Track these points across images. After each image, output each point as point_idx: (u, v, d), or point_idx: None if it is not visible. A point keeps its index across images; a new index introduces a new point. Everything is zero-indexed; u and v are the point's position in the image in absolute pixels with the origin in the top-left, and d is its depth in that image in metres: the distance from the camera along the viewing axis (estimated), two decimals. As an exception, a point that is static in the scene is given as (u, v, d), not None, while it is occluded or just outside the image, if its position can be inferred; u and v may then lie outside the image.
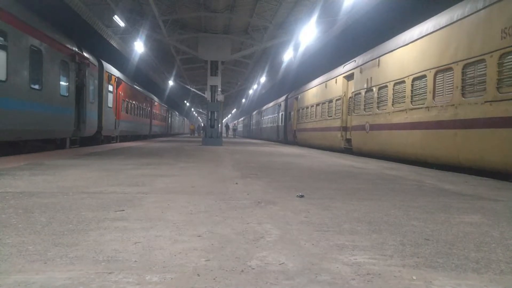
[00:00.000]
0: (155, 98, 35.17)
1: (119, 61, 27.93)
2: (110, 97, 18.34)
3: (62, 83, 12.29)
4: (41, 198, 3.58)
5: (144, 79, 37.44)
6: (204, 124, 48.66)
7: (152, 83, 42.06)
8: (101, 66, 17.00)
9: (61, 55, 12.21)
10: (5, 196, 3.60)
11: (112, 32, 21.53)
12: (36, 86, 10.45)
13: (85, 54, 14.48)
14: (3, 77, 8.79)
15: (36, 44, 10.35)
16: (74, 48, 13.36)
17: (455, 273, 1.89)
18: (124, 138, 22.63)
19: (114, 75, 19.18)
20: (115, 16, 17.81)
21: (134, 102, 24.33)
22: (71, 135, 13.46)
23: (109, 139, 19.18)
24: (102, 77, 16.93)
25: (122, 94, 21.01)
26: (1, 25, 8.68)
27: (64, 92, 12.44)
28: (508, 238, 2.56)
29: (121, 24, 18.57)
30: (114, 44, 23.69)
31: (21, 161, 7.19)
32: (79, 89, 13.89)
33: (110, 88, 18.36)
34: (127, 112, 22.33)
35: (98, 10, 18.67)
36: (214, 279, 1.71)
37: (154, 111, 33.66)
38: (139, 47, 21.55)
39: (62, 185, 4.42)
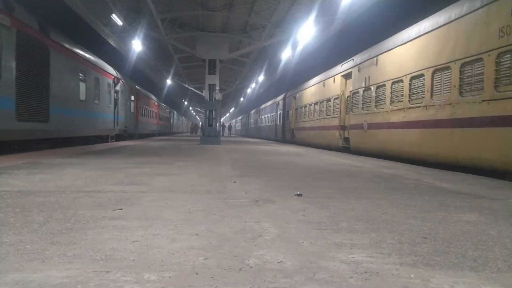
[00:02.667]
0: (161, 102, 40.23)
1: (119, 60, 28.09)
2: (132, 104, 24.25)
3: (108, 98, 18.11)
4: (39, 197, 3.57)
5: (143, 78, 37.53)
6: (202, 123, 48.83)
7: (151, 82, 42.01)
8: (126, 82, 22.42)
9: (108, 80, 18.18)
10: (2, 195, 3.59)
11: (109, 31, 21.47)
12: (97, 102, 16.21)
13: (119, 75, 20.19)
14: (83, 98, 14.38)
15: (97, 76, 16.29)
16: (114, 73, 19.17)
17: (452, 271, 1.89)
18: (139, 136, 27.57)
19: (135, 87, 25.06)
20: (113, 14, 17.74)
21: (146, 107, 30.38)
22: (111, 133, 18.99)
23: (131, 137, 24.26)
24: (127, 90, 22.56)
25: (139, 101, 26.90)
26: (83, 68, 14.38)
27: (109, 104, 18.30)
28: (505, 237, 2.57)
29: (119, 22, 18.51)
30: (113, 44, 23.62)
31: (19, 160, 7.17)
32: (115, 100, 19.50)
33: (132, 97, 24.24)
34: (142, 116, 28.35)
35: (96, 8, 18.60)
36: (212, 277, 1.71)
37: (160, 113, 39.22)
38: (137, 45, 21.50)
39: (59, 184, 4.41)
